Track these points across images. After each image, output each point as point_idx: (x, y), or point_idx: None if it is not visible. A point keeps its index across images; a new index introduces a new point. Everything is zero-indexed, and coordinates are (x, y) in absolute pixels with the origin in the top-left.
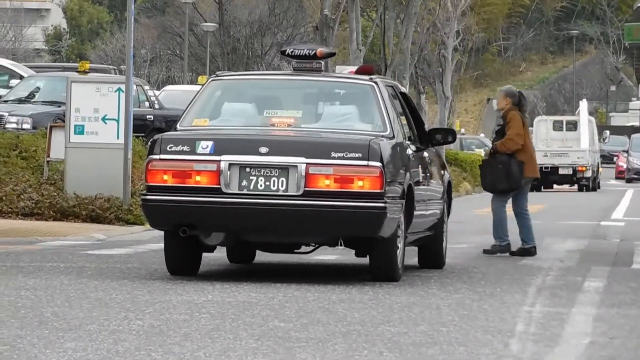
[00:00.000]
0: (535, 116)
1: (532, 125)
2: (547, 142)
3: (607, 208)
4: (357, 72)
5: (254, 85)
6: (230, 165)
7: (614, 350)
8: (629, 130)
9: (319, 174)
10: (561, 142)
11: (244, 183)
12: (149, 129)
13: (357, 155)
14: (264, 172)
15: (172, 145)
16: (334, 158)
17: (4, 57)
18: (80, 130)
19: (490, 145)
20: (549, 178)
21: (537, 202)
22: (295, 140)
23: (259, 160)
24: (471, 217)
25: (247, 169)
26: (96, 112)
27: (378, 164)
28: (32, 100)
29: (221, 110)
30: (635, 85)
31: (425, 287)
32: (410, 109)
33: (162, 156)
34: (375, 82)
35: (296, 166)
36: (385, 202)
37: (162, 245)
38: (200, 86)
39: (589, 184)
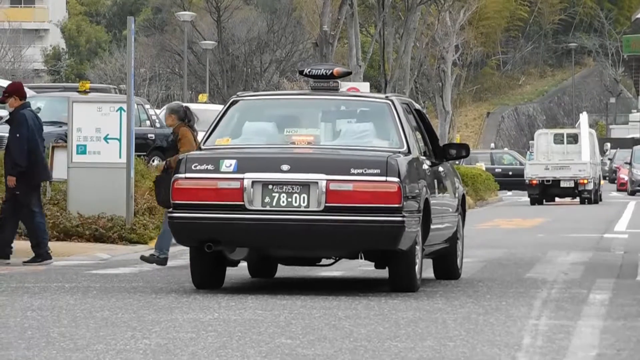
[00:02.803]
0: (535, 129)
1: (532, 139)
2: (548, 155)
3: (609, 220)
4: None
5: (273, 104)
6: (253, 182)
7: None
8: (629, 142)
9: (339, 189)
10: (562, 155)
11: (267, 200)
12: (151, 148)
13: (375, 171)
14: (285, 189)
15: (197, 164)
16: (353, 174)
17: (4, 78)
18: (82, 150)
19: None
20: (550, 191)
21: (539, 216)
22: (316, 157)
23: (281, 177)
24: (473, 232)
25: (270, 186)
26: (98, 131)
27: (396, 179)
28: None
29: (242, 129)
30: (634, 97)
31: (431, 302)
32: (424, 125)
33: (188, 175)
34: (391, 100)
35: (317, 182)
36: (403, 216)
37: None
38: (200, 104)
39: (590, 197)
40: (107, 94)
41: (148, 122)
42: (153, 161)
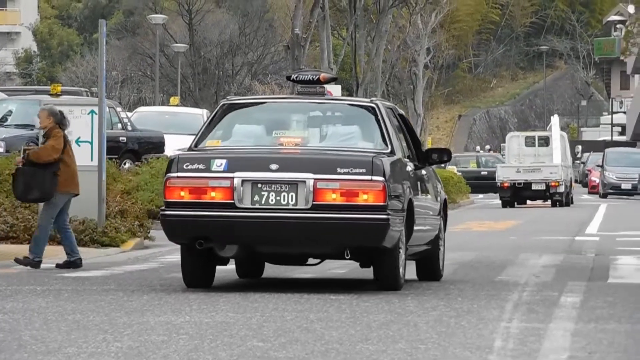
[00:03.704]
0: (507, 132)
1: (504, 142)
2: (519, 158)
3: (581, 223)
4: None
5: (262, 108)
6: (243, 181)
7: None
8: (600, 145)
9: (326, 188)
10: (533, 158)
11: (256, 198)
12: (122, 151)
13: (361, 170)
14: (274, 188)
15: (188, 163)
16: (339, 173)
17: None
18: None
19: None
20: (521, 194)
21: (510, 218)
22: (303, 157)
23: (269, 176)
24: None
25: (259, 185)
26: (69, 134)
27: (381, 178)
28: (5, 123)
29: (232, 131)
30: (605, 99)
31: (403, 305)
32: (408, 130)
33: (179, 174)
34: (376, 104)
35: (305, 181)
36: (388, 214)
37: (137, 267)
38: (171, 107)
39: (562, 199)
40: (79, 97)
41: (120, 125)
42: (125, 164)
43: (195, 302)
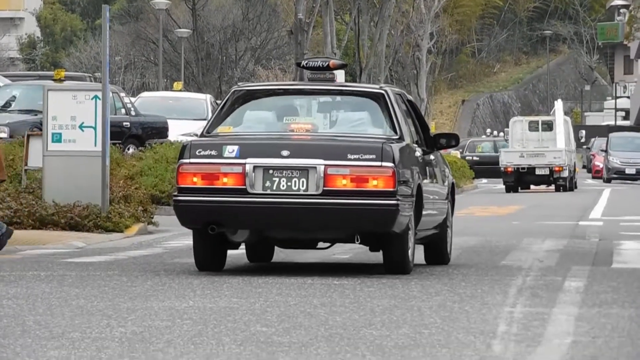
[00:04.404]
0: (511, 117)
1: (507, 126)
2: (523, 143)
3: (585, 208)
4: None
5: (273, 94)
6: (254, 167)
7: (597, 350)
8: (604, 130)
9: (337, 174)
10: (537, 143)
11: (268, 184)
12: (126, 136)
13: (371, 156)
14: (285, 174)
15: (200, 149)
16: (350, 159)
17: None
18: (57, 138)
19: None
20: (525, 178)
21: (514, 203)
22: (314, 143)
23: (281, 162)
24: None
25: (270, 171)
26: (73, 119)
27: (391, 164)
28: (9, 109)
29: (243, 118)
30: (609, 84)
31: (406, 290)
32: (416, 115)
33: (192, 160)
34: (385, 91)
35: (315, 167)
36: (397, 200)
37: (140, 252)
38: (175, 92)
39: (565, 184)
40: (82, 82)
41: (123, 110)
42: (128, 149)
43: (199, 287)
